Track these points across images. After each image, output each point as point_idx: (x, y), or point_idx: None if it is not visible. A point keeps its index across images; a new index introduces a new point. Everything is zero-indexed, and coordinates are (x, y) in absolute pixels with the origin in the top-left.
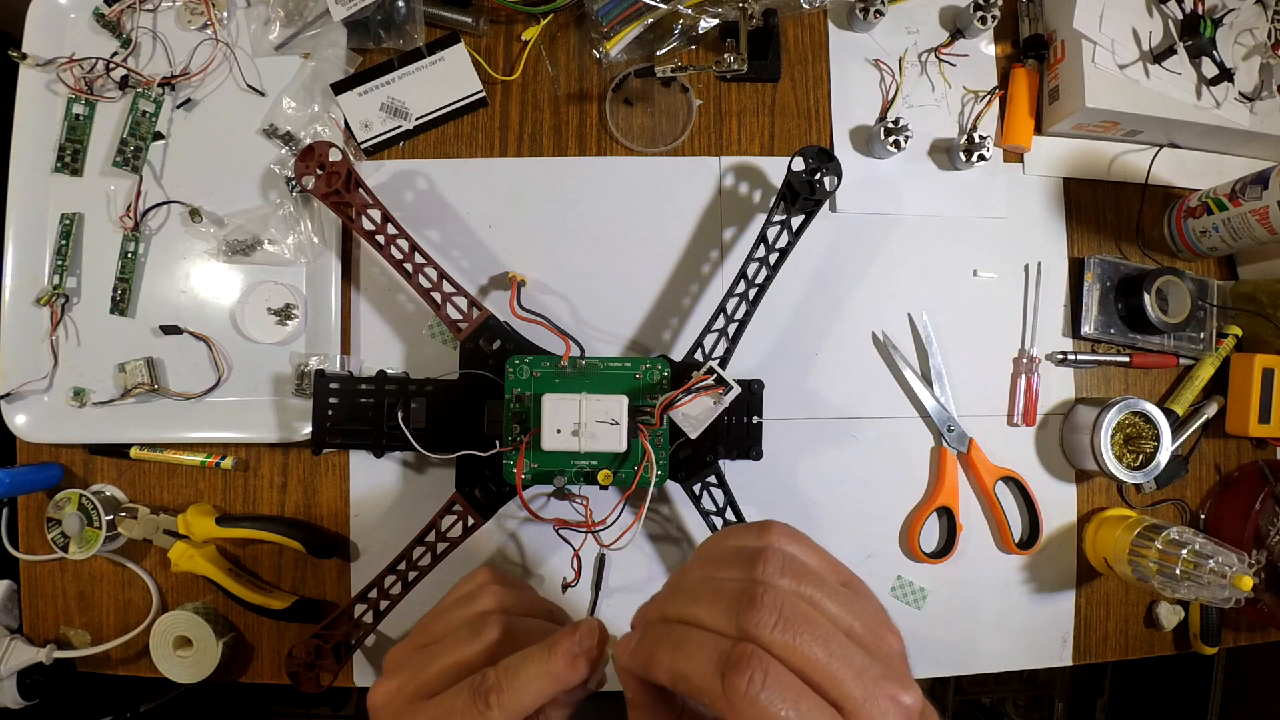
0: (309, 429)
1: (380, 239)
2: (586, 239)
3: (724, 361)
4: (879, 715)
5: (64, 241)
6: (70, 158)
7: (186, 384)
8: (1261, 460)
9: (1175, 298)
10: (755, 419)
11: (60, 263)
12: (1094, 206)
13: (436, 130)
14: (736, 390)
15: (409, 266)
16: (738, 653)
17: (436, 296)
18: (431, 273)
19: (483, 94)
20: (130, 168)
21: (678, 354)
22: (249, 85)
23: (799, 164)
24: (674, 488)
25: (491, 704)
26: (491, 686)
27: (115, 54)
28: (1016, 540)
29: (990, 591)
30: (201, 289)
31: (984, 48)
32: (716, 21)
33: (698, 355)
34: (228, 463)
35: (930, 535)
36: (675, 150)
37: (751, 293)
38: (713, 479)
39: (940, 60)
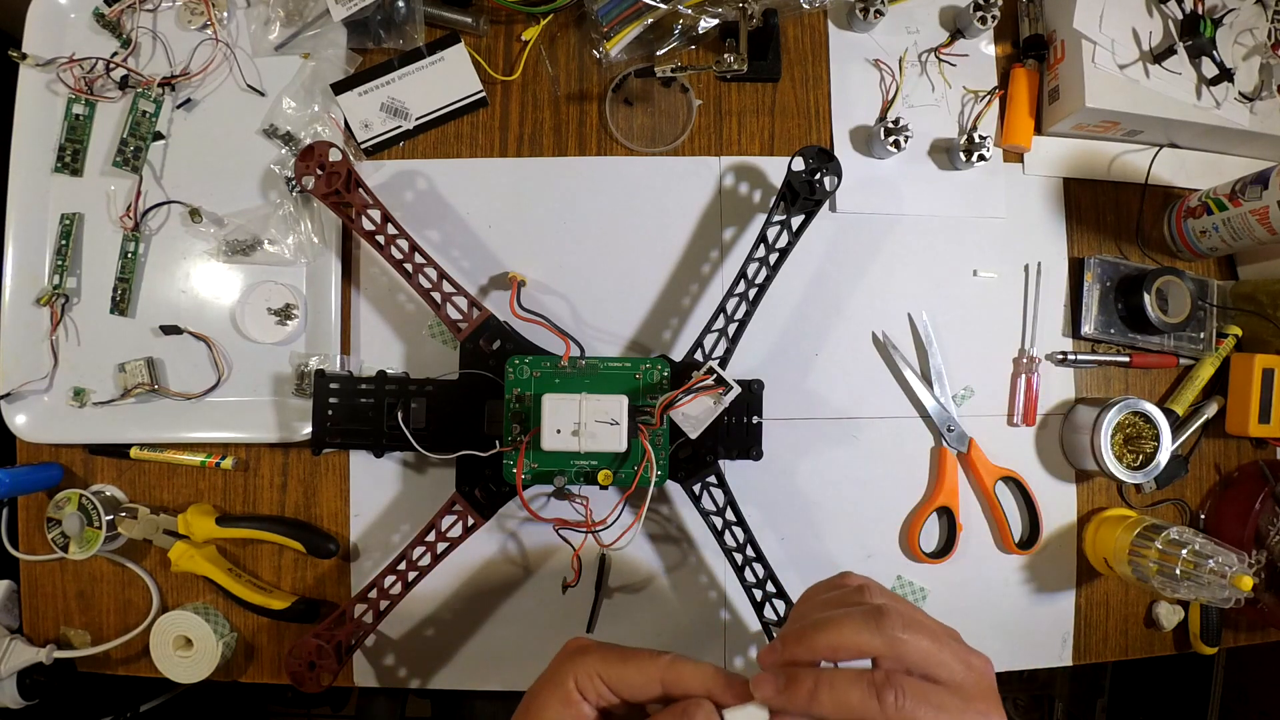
0: (309, 429)
1: (380, 239)
2: (586, 239)
3: (724, 361)
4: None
5: (64, 241)
6: (70, 158)
7: (186, 384)
8: (1261, 460)
9: (1175, 298)
10: (755, 419)
11: (60, 263)
12: (1094, 206)
13: (436, 130)
14: (736, 390)
15: (409, 266)
16: (881, 680)
17: (436, 296)
18: (431, 273)
19: (483, 94)
20: (130, 168)
21: (678, 354)
22: (249, 85)
23: (799, 164)
24: (674, 488)
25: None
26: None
27: (115, 54)
28: (1016, 540)
29: (990, 591)
30: (201, 289)
31: (984, 48)
32: (716, 21)
33: (698, 355)
34: (228, 463)
35: (930, 535)
36: (675, 150)
37: (751, 293)
38: (713, 479)
39: (940, 60)
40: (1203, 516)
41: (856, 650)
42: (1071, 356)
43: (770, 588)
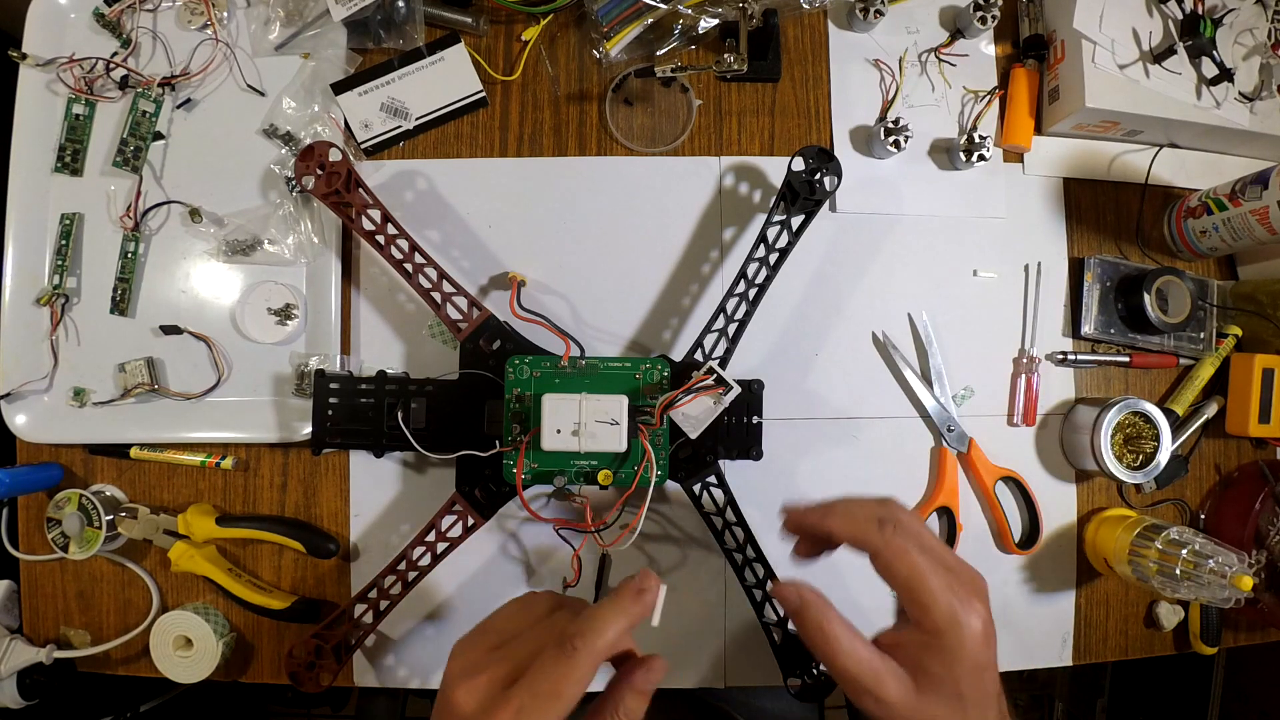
0: (309, 429)
1: (380, 239)
2: (586, 239)
3: (724, 361)
4: (970, 607)
5: (64, 241)
6: (70, 158)
7: (186, 384)
8: (1261, 460)
9: (1175, 298)
10: (755, 419)
11: (60, 263)
12: (1094, 206)
13: (436, 130)
14: (736, 390)
15: (409, 266)
16: (885, 518)
17: (436, 296)
18: (431, 273)
19: (483, 94)
20: (130, 168)
21: (678, 354)
22: (249, 85)
23: (799, 164)
24: (674, 488)
25: (577, 646)
26: (573, 633)
27: (115, 54)
28: (1016, 540)
29: (990, 591)
30: (201, 289)
31: (984, 48)
32: (716, 21)
33: (698, 355)
34: (228, 463)
35: None
36: (675, 150)
37: (751, 293)
38: (713, 479)
39: (940, 60)
40: (1203, 516)
41: (863, 510)
42: (1071, 356)
43: (770, 587)
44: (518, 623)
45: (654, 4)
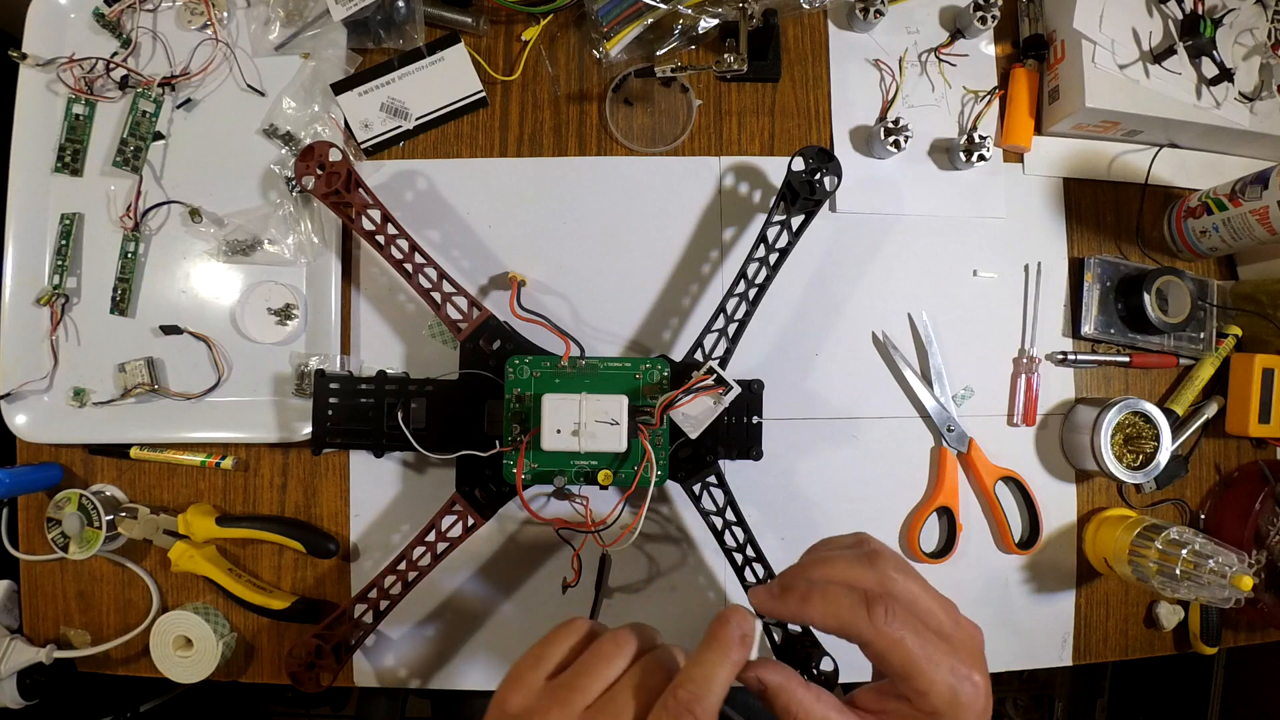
0: (309, 429)
1: (380, 239)
2: (586, 239)
3: (724, 361)
4: (970, 680)
5: (64, 241)
6: (70, 158)
7: (186, 384)
8: (1261, 460)
9: (1175, 298)
10: (755, 419)
11: (60, 263)
12: (1094, 206)
13: (436, 130)
14: (736, 390)
15: (409, 266)
16: (873, 595)
17: (436, 296)
18: (431, 273)
19: (483, 94)
20: (130, 168)
21: (678, 354)
22: (249, 85)
23: (799, 164)
24: (674, 488)
25: (697, 713)
26: (688, 699)
27: (115, 54)
28: (1016, 540)
29: (990, 591)
30: (201, 289)
31: (984, 48)
32: (716, 21)
33: (698, 355)
34: (228, 463)
35: (930, 535)
36: (675, 150)
37: (751, 293)
38: (713, 479)
39: (940, 60)
40: (1203, 516)
41: (847, 582)
42: (1071, 356)
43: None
44: (601, 672)
45: (654, 4)
